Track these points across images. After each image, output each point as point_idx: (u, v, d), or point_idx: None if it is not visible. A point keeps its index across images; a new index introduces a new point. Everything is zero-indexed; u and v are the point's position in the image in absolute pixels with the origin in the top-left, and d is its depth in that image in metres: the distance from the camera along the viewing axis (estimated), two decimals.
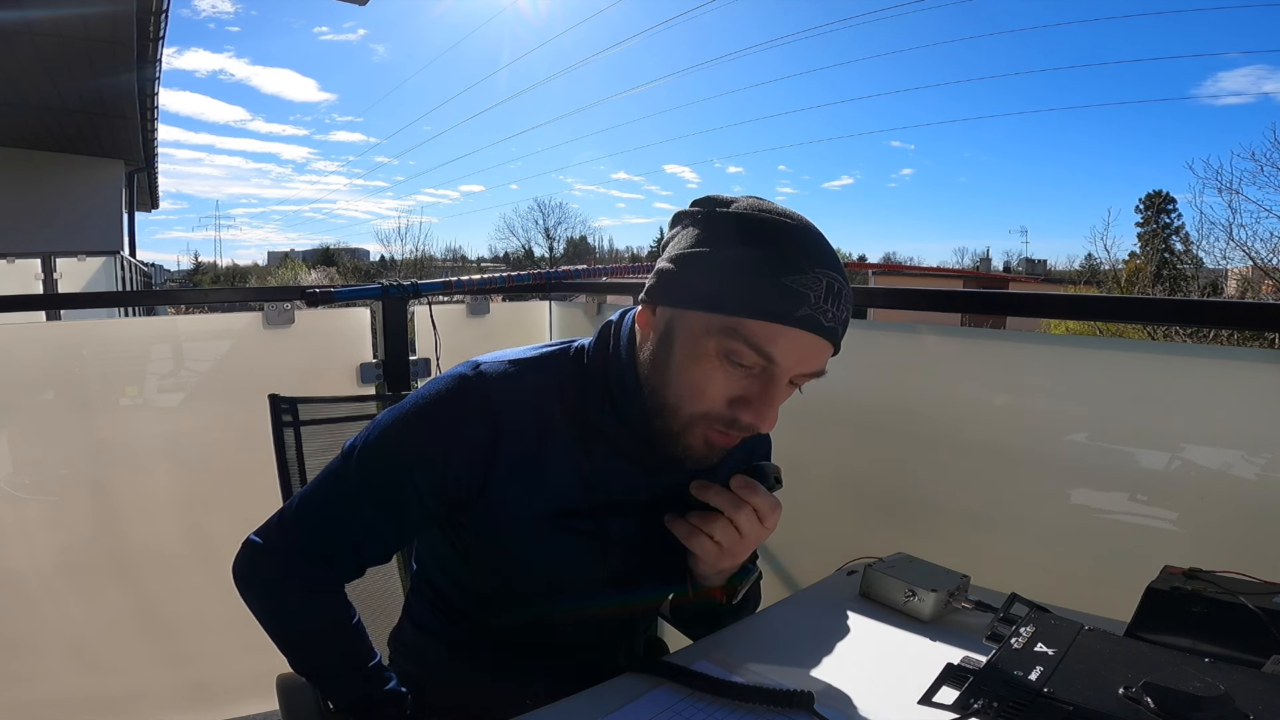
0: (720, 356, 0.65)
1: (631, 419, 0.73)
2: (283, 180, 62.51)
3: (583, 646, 0.85)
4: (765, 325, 0.63)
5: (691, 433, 0.70)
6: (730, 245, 0.65)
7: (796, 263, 0.64)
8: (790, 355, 0.65)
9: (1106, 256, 15.64)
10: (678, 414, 0.69)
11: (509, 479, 0.73)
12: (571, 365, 0.77)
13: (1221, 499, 1.02)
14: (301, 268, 32.62)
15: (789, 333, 0.64)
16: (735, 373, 0.66)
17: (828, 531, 1.50)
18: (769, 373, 0.66)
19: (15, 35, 5.66)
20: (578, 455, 0.75)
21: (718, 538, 0.72)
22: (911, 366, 1.36)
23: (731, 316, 0.64)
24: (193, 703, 1.70)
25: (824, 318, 0.64)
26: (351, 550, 0.77)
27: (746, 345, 0.64)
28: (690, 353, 0.67)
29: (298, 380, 1.68)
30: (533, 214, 42.67)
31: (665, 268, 0.69)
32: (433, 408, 0.73)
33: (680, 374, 0.68)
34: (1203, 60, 44.41)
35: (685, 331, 0.67)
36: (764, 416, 0.67)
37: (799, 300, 0.63)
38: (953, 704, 0.63)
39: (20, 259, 5.42)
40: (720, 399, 0.67)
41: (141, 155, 10.54)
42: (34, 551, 1.58)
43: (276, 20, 71.32)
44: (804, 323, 0.63)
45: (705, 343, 0.66)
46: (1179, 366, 1.09)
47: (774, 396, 0.67)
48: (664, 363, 0.69)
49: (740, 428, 0.68)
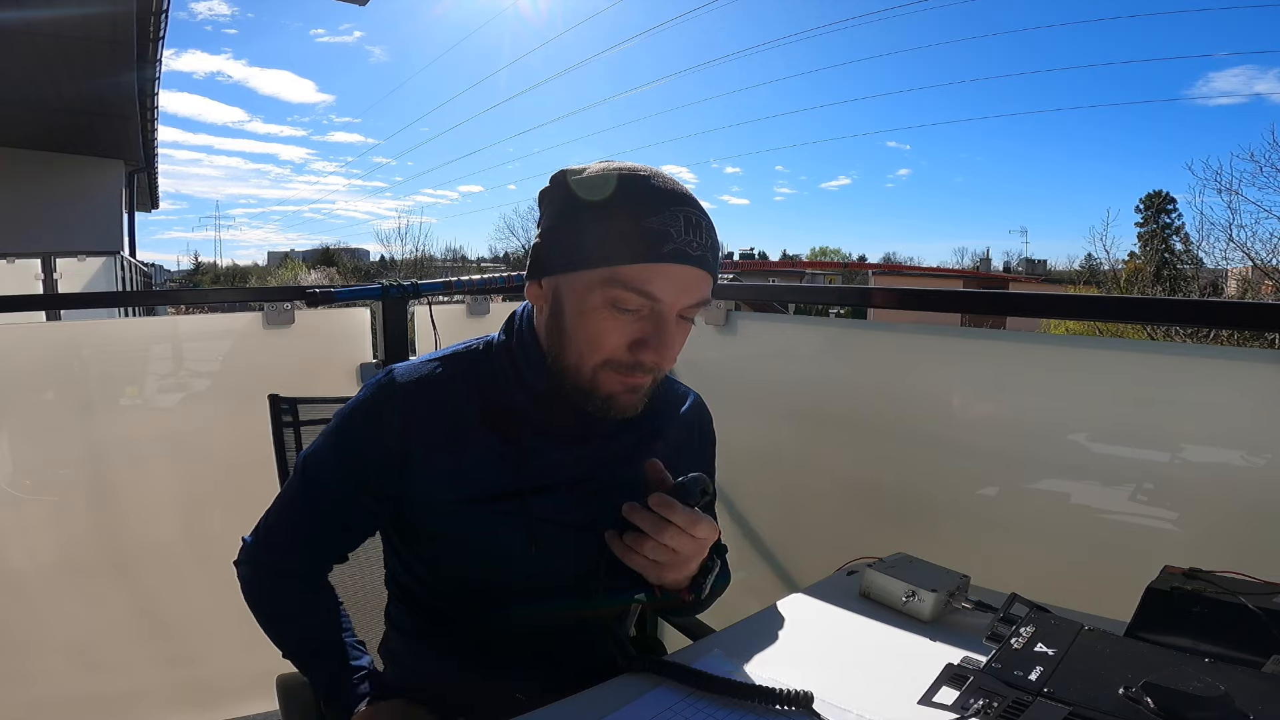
0: (608, 307, 0.71)
1: (541, 390, 0.77)
2: (282, 181, 62.59)
3: (563, 644, 0.85)
4: (639, 268, 0.69)
5: (602, 384, 0.74)
6: (590, 205, 0.71)
7: (653, 205, 0.70)
8: (669, 290, 0.70)
9: (1106, 257, 15.64)
10: (581, 370, 0.74)
11: (427, 468, 0.78)
12: (483, 356, 0.82)
13: (1221, 499, 1.01)
14: (301, 268, 32.63)
15: (662, 269, 0.69)
16: (625, 318, 0.71)
17: (828, 531, 1.50)
18: (657, 311, 0.71)
19: (15, 35, 5.66)
20: (496, 440, 0.79)
21: (651, 556, 0.71)
22: (911, 366, 1.36)
23: (607, 268, 0.69)
24: (193, 703, 1.70)
25: (690, 249, 0.70)
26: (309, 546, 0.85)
27: (627, 289, 0.69)
28: (580, 310, 0.72)
29: (298, 380, 1.68)
30: (533, 214, 42.48)
31: (538, 243, 0.76)
32: (351, 412, 0.81)
33: (575, 332, 0.73)
34: (1194, 61, 44.48)
35: (570, 294, 0.73)
36: (663, 353, 0.71)
37: (663, 238, 0.69)
38: (953, 704, 0.63)
39: (20, 259, 5.41)
40: (618, 345, 0.72)
41: (141, 155, 10.54)
42: (34, 551, 1.59)
43: (273, 22, 71.46)
44: (673, 256, 0.69)
45: (590, 298, 0.71)
46: (1179, 366, 1.09)
47: (667, 333, 0.71)
48: (558, 327, 0.74)
49: (645, 370, 0.73)
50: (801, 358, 1.58)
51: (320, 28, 70.25)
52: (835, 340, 1.54)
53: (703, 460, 0.94)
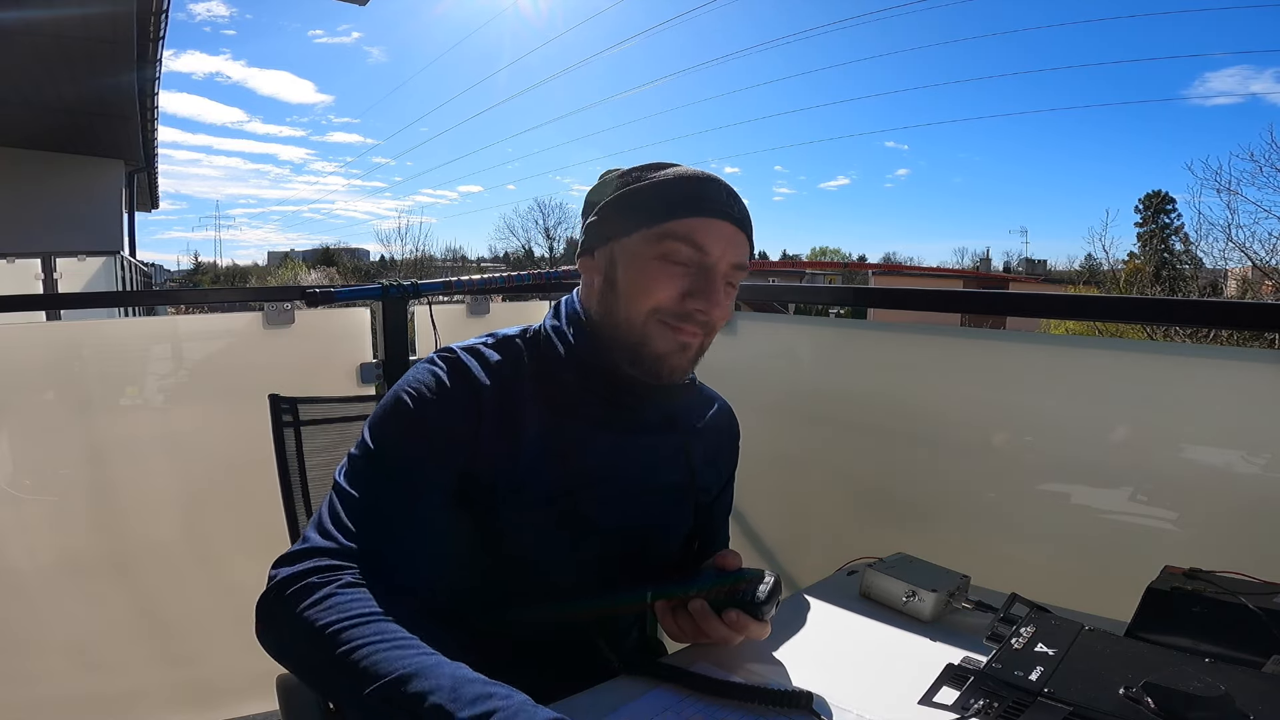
0: (660, 260, 0.77)
1: (590, 365, 0.81)
2: (281, 181, 62.59)
3: (564, 644, 0.85)
4: (689, 221, 0.77)
5: (653, 337, 0.78)
6: (643, 184, 0.80)
7: (697, 178, 0.80)
8: (718, 243, 0.77)
9: (1105, 257, 15.64)
10: (632, 323, 0.78)
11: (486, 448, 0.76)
12: (532, 339, 0.84)
13: (1221, 499, 1.01)
14: (301, 268, 32.59)
15: (711, 223, 0.78)
16: (676, 270, 0.77)
17: (828, 531, 1.50)
18: (705, 265, 0.78)
19: (15, 35, 5.66)
20: (546, 422, 0.79)
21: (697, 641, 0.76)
22: (911, 366, 1.36)
23: (663, 223, 0.77)
24: (193, 703, 1.70)
25: (733, 210, 0.79)
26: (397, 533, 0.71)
27: (681, 241, 0.76)
28: (635, 267, 0.78)
29: (298, 380, 1.67)
30: (533, 214, 42.72)
31: (593, 220, 0.82)
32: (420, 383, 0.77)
33: (629, 287, 0.79)
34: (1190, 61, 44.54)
35: (624, 254, 0.79)
36: (713, 303, 0.77)
37: (710, 200, 0.78)
38: (953, 704, 0.63)
39: (20, 259, 5.41)
40: (670, 295, 0.77)
41: (141, 155, 10.53)
42: (34, 551, 1.59)
43: (272, 23, 71.49)
44: (718, 213, 0.78)
45: (646, 252, 0.78)
46: (1179, 366, 1.09)
47: (715, 285, 0.78)
48: (611, 287, 0.80)
49: (694, 320, 0.78)
50: (801, 358, 1.58)
51: (319, 28, 70.35)
52: (835, 340, 1.54)
53: (732, 463, 1.00)
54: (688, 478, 0.89)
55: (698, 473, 0.90)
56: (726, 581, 0.75)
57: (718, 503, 0.98)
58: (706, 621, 0.74)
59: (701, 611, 0.74)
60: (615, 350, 0.80)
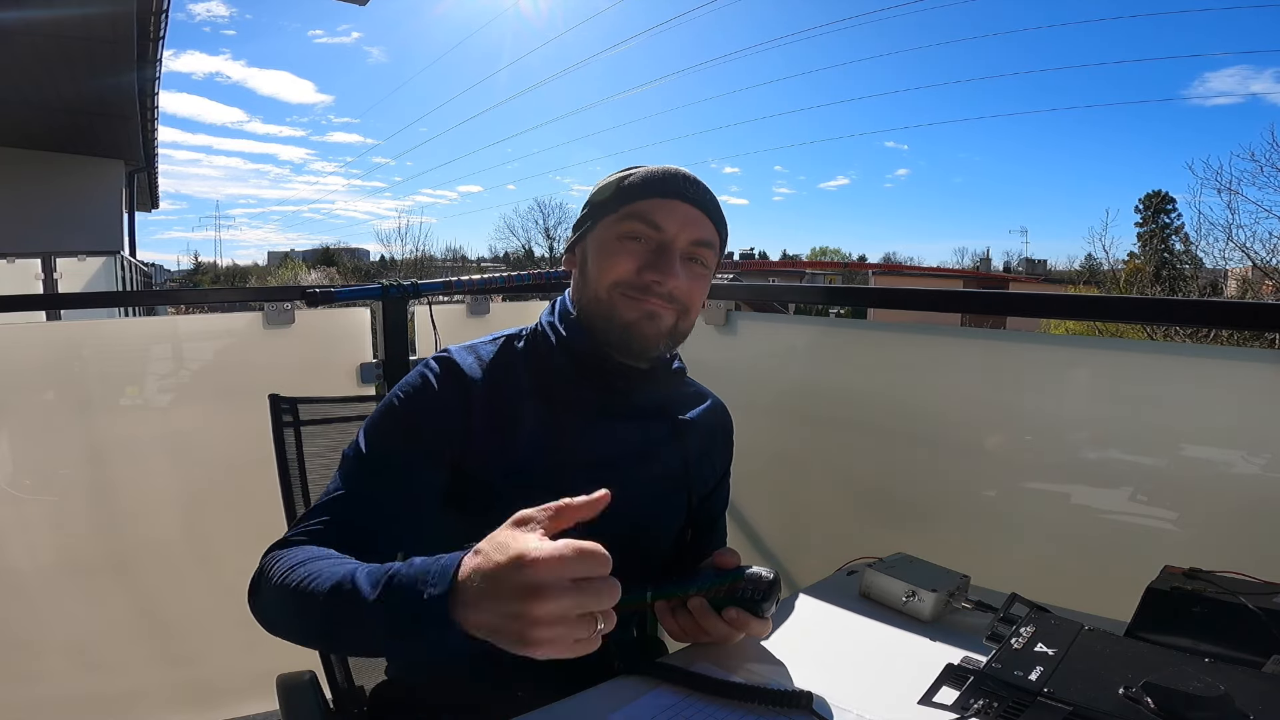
0: (620, 240, 0.84)
1: (579, 351, 0.86)
2: (281, 181, 62.62)
3: None
4: (646, 202, 0.84)
5: (618, 308, 0.84)
6: (610, 179, 0.88)
7: (659, 170, 0.87)
8: (673, 221, 0.84)
9: (1105, 257, 15.65)
10: (599, 299, 0.85)
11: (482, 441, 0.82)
12: (529, 335, 0.90)
13: (1221, 499, 1.01)
14: (301, 268, 32.59)
15: (668, 204, 0.84)
16: (635, 246, 0.84)
17: (828, 531, 1.50)
18: (661, 241, 0.84)
19: (15, 35, 5.66)
20: (541, 411, 0.85)
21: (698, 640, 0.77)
22: (911, 366, 1.36)
23: (623, 207, 0.85)
24: (193, 703, 1.70)
25: (692, 192, 0.86)
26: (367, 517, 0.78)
27: (637, 220, 0.84)
28: (600, 249, 0.86)
29: (298, 380, 1.68)
30: (533, 214, 42.67)
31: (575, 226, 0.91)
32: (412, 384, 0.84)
33: (595, 267, 0.86)
34: (1189, 61, 44.57)
35: (594, 242, 0.87)
36: (666, 274, 0.82)
37: (667, 183, 0.85)
38: (953, 704, 0.63)
39: (20, 259, 5.41)
40: (628, 269, 0.83)
41: (141, 155, 10.52)
42: (34, 551, 1.59)
43: (271, 23, 71.51)
44: (675, 194, 0.85)
45: (607, 235, 0.86)
46: (1179, 366, 1.09)
47: (671, 259, 0.83)
48: (584, 274, 0.88)
49: (653, 291, 0.83)
50: (801, 358, 1.58)
51: (318, 28, 70.41)
52: (835, 340, 1.54)
53: (727, 459, 1.02)
54: (681, 468, 0.91)
55: (691, 464, 0.92)
56: (726, 580, 0.75)
57: (713, 498, 0.99)
58: (706, 619, 0.74)
59: (701, 610, 0.74)
60: (595, 332, 0.85)
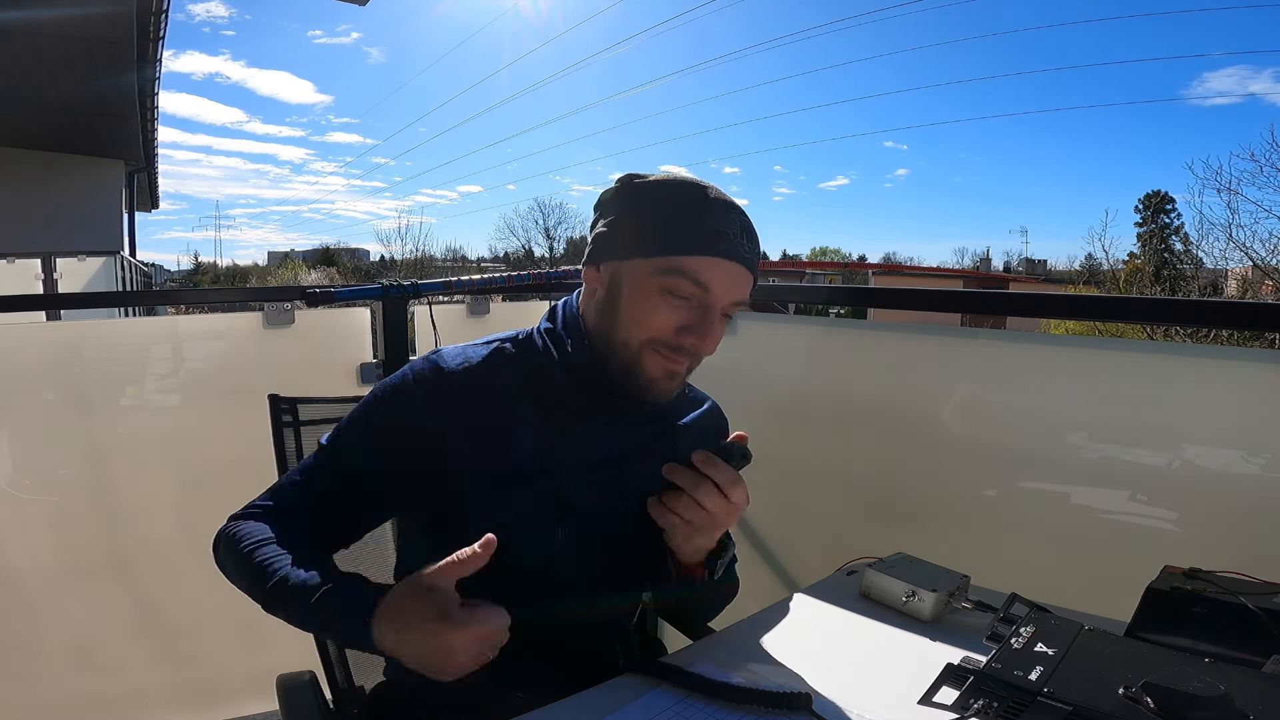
0: (662, 292, 0.77)
1: (580, 367, 0.82)
2: (281, 181, 62.58)
3: (565, 644, 0.85)
4: (698, 259, 0.76)
5: (644, 362, 0.79)
6: (657, 203, 0.79)
7: (715, 209, 0.78)
8: (721, 283, 0.77)
9: (1105, 257, 15.65)
10: (628, 347, 0.79)
11: (467, 445, 0.81)
12: (524, 341, 0.87)
13: (1221, 499, 1.01)
14: (301, 268, 32.58)
15: (718, 263, 0.77)
16: (677, 304, 0.77)
17: (828, 531, 1.50)
18: (705, 302, 0.78)
19: (15, 35, 5.66)
20: (533, 417, 0.83)
21: (685, 515, 0.76)
22: (911, 366, 1.36)
23: (670, 256, 0.76)
24: (193, 703, 1.70)
25: (742, 250, 0.78)
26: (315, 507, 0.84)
27: (685, 278, 0.76)
28: (637, 293, 0.78)
29: (298, 380, 1.67)
30: (533, 214, 42.62)
31: (602, 231, 0.81)
32: (390, 387, 0.84)
33: (629, 312, 0.79)
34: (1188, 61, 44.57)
35: (629, 278, 0.79)
36: (706, 338, 0.78)
37: (722, 237, 0.77)
38: (953, 704, 0.63)
39: (20, 259, 5.41)
40: (667, 327, 0.78)
41: (141, 155, 10.52)
42: (34, 551, 1.58)
43: (271, 24, 71.44)
44: (727, 254, 0.77)
45: (649, 283, 0.77)
46: (1179, 366, 1.09)
47: (713, 323, 0.78)
48: (611, 307, 0.80)
49: (686, 352, 0.79)
50: (801, 358, 1.58)
51: (318, 29, 70.33)
52: (835, 340, 1.54)
53: None
54: None
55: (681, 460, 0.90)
56: None
57: None
58: (681, 476, 0.75)
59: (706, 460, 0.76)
60: (608, 369, 0.81)
